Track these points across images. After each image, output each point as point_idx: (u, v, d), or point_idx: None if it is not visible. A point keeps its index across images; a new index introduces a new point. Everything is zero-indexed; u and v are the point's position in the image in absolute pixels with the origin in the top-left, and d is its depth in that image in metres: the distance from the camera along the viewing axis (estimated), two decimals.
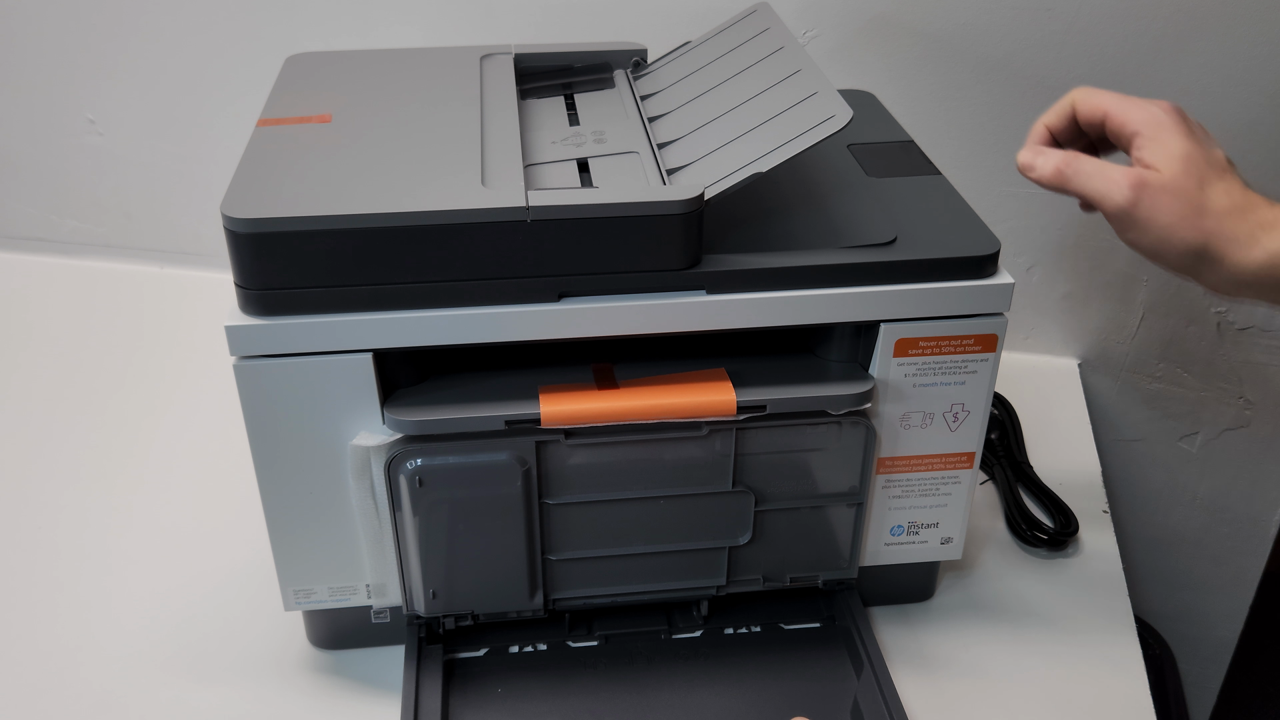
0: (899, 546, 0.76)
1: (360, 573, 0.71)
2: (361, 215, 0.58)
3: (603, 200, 0.60)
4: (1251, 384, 1.05)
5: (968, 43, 0.94)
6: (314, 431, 0.65)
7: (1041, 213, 1.01)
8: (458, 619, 0.73)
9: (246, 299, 0.61)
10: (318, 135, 0.68)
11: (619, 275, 0.62)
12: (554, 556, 0.71)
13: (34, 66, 1.10)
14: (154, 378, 1.04)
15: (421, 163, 0.65)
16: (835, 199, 0.71)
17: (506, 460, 0.66)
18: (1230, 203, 0.61)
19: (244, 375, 0.62)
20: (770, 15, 0.78)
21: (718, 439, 0.68)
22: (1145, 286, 1.03)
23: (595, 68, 0.84)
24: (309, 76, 0.78)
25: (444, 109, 0.72)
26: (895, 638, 0.78)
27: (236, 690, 0.73)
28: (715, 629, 0.77)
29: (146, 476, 0.92)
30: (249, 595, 0.79)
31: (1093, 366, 1.08)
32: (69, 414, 0.99)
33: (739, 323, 0.64)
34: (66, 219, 1.19)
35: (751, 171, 0.63)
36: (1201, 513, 1.13)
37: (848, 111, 0.63)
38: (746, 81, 0.72)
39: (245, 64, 1.06)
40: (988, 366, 0.68)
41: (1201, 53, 0.91)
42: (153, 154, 1.14)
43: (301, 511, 0.68)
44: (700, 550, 0.72)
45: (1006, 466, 0.92)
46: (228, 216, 0.58)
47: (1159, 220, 0.61)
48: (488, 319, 0.62)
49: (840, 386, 0.67)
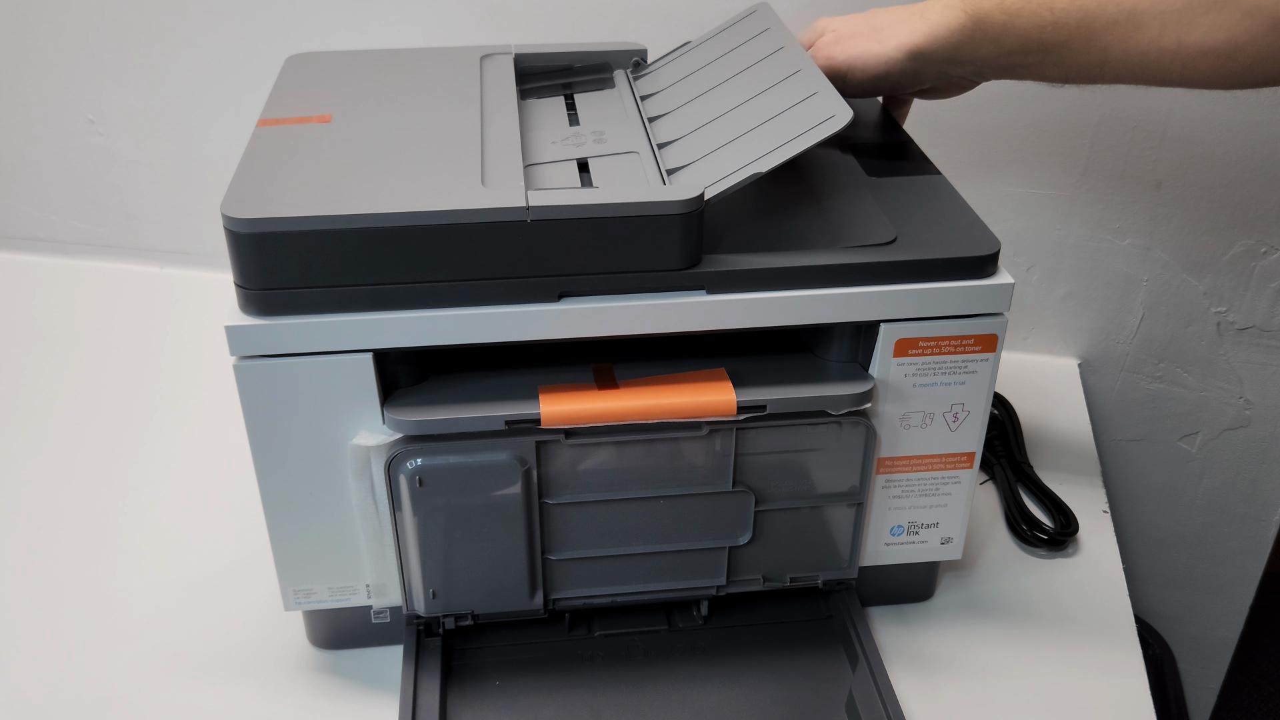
0: (899, 546, 0.76)
1: (360, 573, 0.71)
2: (361, 215, 0.58)
3: (602, 200, 0.60)
4: (1251, 384, 1.05)
5: None
6: (314, 431, 0.65)
7: (1041, 213, 1.01)
8: (457, 619, 0.73)
9: (246, 299, 0.61)
10: (318, 135, 0.68)
11: (619, 275, 0.62)
12: (554, 556, 0.71)
13: (34, 66, 1.10)
14: (154, 378, 1.04)
15: (421, 163, 0.65)
16: (835, 199, 0.71)
17: (506, 460, 0.66)
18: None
19: (244, 375, 0.62)
20: (770, 15, 0.78)
21: (718, 439, 0.68)
22: (1145, 286, 1.03)
23: (595, 68, 0.84)
24: (309, 76, 0.78)
25: (444, 109, 0.72)
26: (895, 638, 0.78)
27: (236, 690, 0.73)
28: (715, 628, 0.77)
29: (146, 476, 0.92)
30: (249, 595, 0.79)
31: (1093, 366, 1.08)
32: (69, 414, 0.99)
33: (739, 323, 0.64)
34: (66, 219, 1.19)
35: (751, 171, 0.63)
36: (1201, 513, 1.13)
37: (848, 111, 0.63)
38: (746, 81, 0.72)
39: (245, 64, 1.06)
40: (988, 366, 0.68)
41: None
42: (153, 154, 1.14)
43: (301, 511, 0.68)
44: (700, 550, 0.72)
45: (1006, 466, 0.92)
46: (228, 216, 0.58)
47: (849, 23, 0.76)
48: (488, 319, 0.62)
49: (840, 386, 0.67)
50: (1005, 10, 0.68)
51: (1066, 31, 0.67)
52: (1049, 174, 0.99)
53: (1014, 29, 0.68)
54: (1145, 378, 1.07)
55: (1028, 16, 0.68)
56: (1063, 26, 0.67)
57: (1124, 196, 0.98)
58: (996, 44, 0.69)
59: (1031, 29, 0.68)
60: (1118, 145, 0.96)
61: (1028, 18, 0.68)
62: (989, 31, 0.69)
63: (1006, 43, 0.69)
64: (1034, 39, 0.68)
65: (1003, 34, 0.69)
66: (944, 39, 0.70)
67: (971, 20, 0.69)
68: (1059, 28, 0.67)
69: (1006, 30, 0.69)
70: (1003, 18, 0.68)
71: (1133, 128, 0.95)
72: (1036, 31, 0.68)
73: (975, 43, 0.70)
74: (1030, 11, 0.68)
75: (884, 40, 0.72)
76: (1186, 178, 0.96)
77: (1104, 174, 0.98)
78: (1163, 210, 0.98)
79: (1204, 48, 0.64)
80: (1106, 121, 0.95)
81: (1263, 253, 0.98)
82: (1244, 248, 0.99)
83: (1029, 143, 0.97)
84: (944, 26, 0.70)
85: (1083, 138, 0.96)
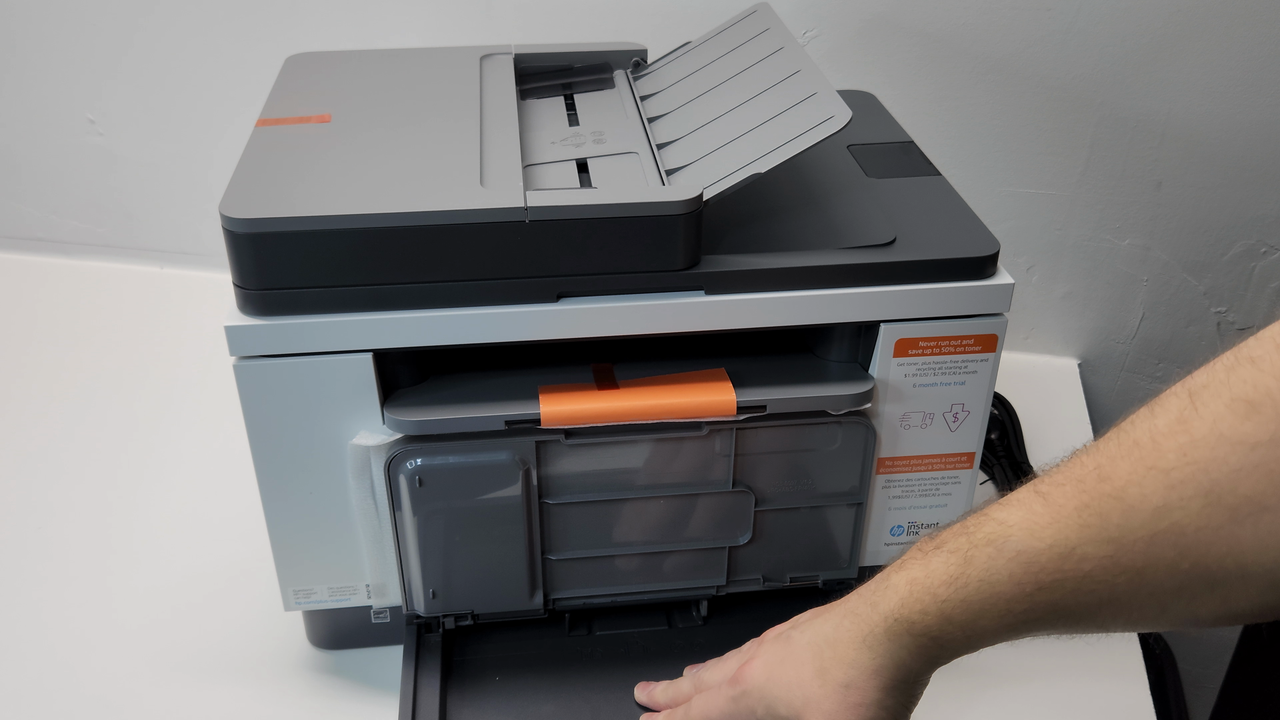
0: (899, 546, 0.76)
1: (360, 573, 0.71)
2: (361, 215, 0.58)
3: (602, 201, 0.60)
4: None
5: (968, 43, 0.94)
6: (314, 431, 0.65)
7: (1041, 213, 1.01)
8: (457, 619, 0.73)
9: (246, 299, 0.61)
10: (317, 135, 0.68)
11: (618, 275, 0.62)
12: (554, 556, 0.71)
13: (34, 66, 1.10)
14: (154, 378, 1.04)
15: (421, 163, 0.65)
16: (835, 199, 0.71)
17: (506, 460, 0.66)
18: (840, 675, 0.55)
19: (244, 375, 0.62)
20: (770, 16, 0.78)
21: (718, 439, 0.68)
22: (1145, 286, 1.03)
23: (595, 68, 0.84)
24: (309, 76, 0.78)
25: (443, 109, 0.72)
26: None
27: (236, 690, 0.73)
28: (714, 628, 0.77)
29: (146, 476, 0.92)
30: (249, 595, 0.79)
31: (1093, 366, 1.08)
32: (69, 414, 0.99)
33: (738, 323, 0.64)
34: (66, 219, 1.19)
35: (751, 172, 0.63)
36: None
37: (847, 112, 0.63)
38: (746, 82, 0.72)
39: (245, 64, 1.06)
40: (988, 366, 0.68)
41: (1201, 53, 0.91)
42: (153, 154, 1.14)
43: (301, 511, 0.68)
44: (700, 550, 0.72)
45: (1006, 466, 0.92)
46: (226, 217, 0.58)
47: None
48: (487, 319, 0.62)
49: (840, 387, 0.67)
50: (960, 619, 0.51)
51: (1039, 615, 0.50)
52: (1049, 174, 0.99)
53: (978, 632, 0.51)
54: (1145, 378, 1.07)
55: (992, 617, 0.50)
56: (1035, 611, 0.50)
57: (1124, 196, 0.98)
58: (968, 645, 0.53)
59: (997, 628, 0.51)
60: (1118, 145, 0.96)
61: (992, 619, 0.50)
62: (952, 646, 0.53)
63: (979, 639, 0.52)
64: (1005, 627, 0.51)
65: (968, 641, 0.52)
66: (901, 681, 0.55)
67: (930, 642, 0.53)
68: (1032, 613, 0.50)
69: (970, 638, 0.52)
70: (961, 632, 0.51)
71: (1133, 128, 0.95)
72: (1003, 625, 0.51)
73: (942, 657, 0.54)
74: (991, 611, 0.50)
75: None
76: (1186, 178, 0.96)
77: (1104, 174, 0.98)
78: (1163, 210, 0.98)
79: (1201, 618, 0.48)
80: (1106, 121, 0.95)
81: (1263, 253, 0.98)
82: (1244, 248, 0.99)
83: (1029, 143, 0.97)
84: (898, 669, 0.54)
85: (1083, 138, 0.96)
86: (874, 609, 0.54)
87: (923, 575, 0.51)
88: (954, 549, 0.51)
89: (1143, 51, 0.92)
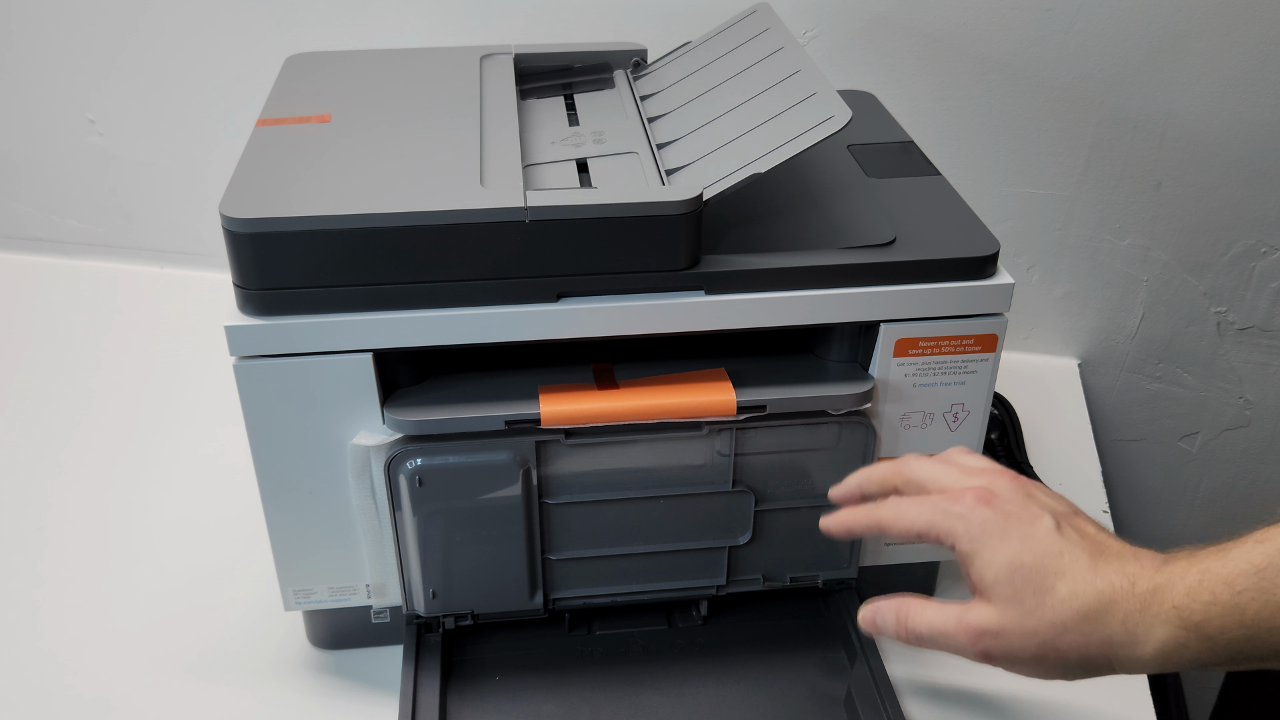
0: (899, 546, 0.76)
1: (360, 573, 0.71)
2: (361, 215, 0.58)
3: (601, 200, 0.60)
4: (1251, 384, 1.05)
5: (968, 43, 0.94)
6: (314, 431, 0.65)
7: (1041, 213, 1.01)
8: (457, 619, 0.73)
9: (246, 299, 0.61)
10: (317, 135, 0.68)
11: (618, 275, 0.62)
12: (554, 556, 0.71)
13: (34, 66, 1.10)
14: (154, 378, 1.04)
15: (421, 163, 0.65)
16: (835, 199, 0.71)
17: (506, 460, 0.66)
18: (1081, 605, 0.53)
19: (244, 375, 0.62)
20: (770, 15, 0.78)
21: (718, 439, 0.68)
22: (1145, 286, 1.03)
23: (595, 68, 0.84)
24: (309, 76, 0.78)
25: (443, 109, 0.72)
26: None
27: (236, 690, 0.73)
28: (714, 627, 0.77)
29: (146, 476, 0.92)
30: (249, 595, 0.79)
31: (1093, 366, 1.08)
32: (69, 414, 0.99)
33: (738, 323, 0.64)
34: (66, 219, 1.19)
35: (750, 172, 0.63)
36: (1201, 513, 1.13)
37: (847, 112, 0.63)
38: (746, 82, 0.72)
39: (245, 64, 1.06)
40: (988, 366, 0.68)
41: (1201, 53, 0.91)
42: (153, 154, 1.14)
43: (301, 511, 0.68)
44: (700, 550, 0.72)
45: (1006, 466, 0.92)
46: (226, 216, 0.58)
47: (1020, 657, 0.55)
48: (487, 319, 0.62)
49: (840, 386, 0.67)
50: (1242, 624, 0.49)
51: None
52: (1049, 174, 0.99)
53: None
54: (1145, 378, 1.07)
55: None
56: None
57: (1124, 196, 0.98)
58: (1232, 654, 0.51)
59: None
60: (1118, 145, 0.96)
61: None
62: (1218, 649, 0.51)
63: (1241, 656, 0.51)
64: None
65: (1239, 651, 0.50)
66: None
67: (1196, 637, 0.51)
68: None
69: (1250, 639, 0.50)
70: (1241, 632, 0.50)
71: (1133, 128, 0.95)
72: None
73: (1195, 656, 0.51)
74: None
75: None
76: (1186, 178, 0.96)
77: (1104, 174, 0.98)
78: (1163, 210, 0.98)
79: None
80: (1106, 121, 0.95)
81: (1263, 253, 0.98)
82: (1244, 248, 0.99)
83: (1029, 143, 0.97)
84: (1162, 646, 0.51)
85: (1083, 138, 0.96)
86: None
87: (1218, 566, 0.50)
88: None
89: (1143, 51, 0.92)
